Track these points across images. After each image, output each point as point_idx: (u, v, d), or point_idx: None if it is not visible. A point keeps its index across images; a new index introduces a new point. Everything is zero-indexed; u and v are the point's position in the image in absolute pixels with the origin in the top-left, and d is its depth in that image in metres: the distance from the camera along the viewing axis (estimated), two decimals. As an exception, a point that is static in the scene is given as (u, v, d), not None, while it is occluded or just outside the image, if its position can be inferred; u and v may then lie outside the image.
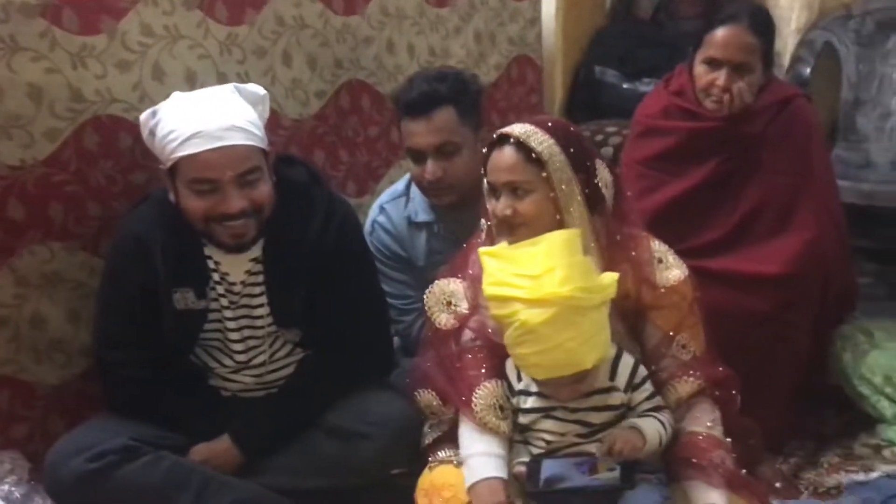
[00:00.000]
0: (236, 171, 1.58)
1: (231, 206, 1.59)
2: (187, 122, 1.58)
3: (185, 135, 1.57)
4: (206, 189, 1.59)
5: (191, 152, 1.57)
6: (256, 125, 1.65)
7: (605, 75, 3.13)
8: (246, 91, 1.71)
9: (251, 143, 1.62)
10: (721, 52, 1.97)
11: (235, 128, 1.59)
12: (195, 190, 1.60)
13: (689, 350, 1.55)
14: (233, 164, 1.58)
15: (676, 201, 2.05)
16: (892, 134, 2.82)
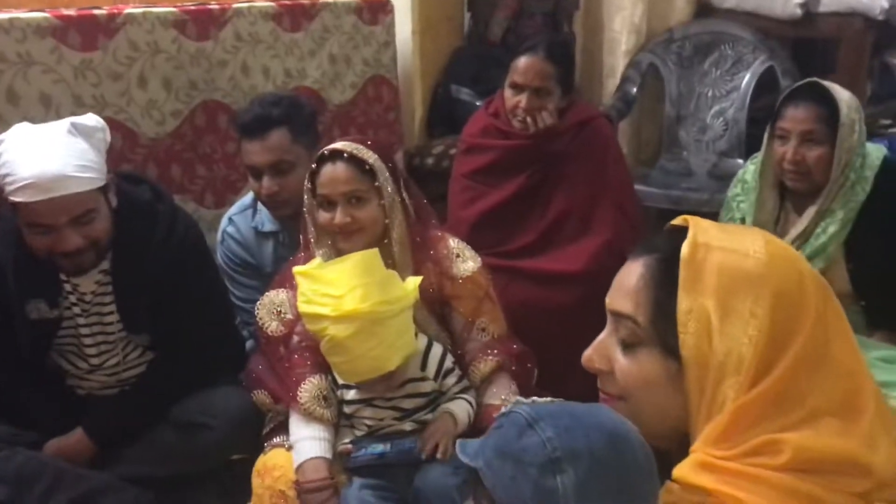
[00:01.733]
0: (71, 215, 1.67)
1: (67, 245, 1.69)
2: (23, 167, 1.63)
3: (19, 182, 1.63)
4: (42, 231, 1.69)
5: (25, 200, 1.64)
6: (93, 163, 1.71)
7: (461, 93, 3.38)
8: (83, 126, 1.75)
9: (85, 189, 1.69)
10: (522, 78, 2.25)
11: (68, 177, 1.65)
12: (32, 231, 1.70)
13: (488, 332, 1.79)
14: (67, 210, 1.66)
15: (494, 210, 2.32)
16: (708, 145, 3.16)
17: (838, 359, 0.87)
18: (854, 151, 2.05)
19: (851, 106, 2.05)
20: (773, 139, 2.12)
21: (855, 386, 0.86)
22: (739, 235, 0.91)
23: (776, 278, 0.86)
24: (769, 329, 0.83)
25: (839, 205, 2.08)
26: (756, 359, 0.83)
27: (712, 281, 0.87)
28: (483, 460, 0.88)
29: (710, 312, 0.86)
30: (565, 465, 0.83)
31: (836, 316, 0.90)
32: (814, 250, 2.11)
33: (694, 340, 0.86)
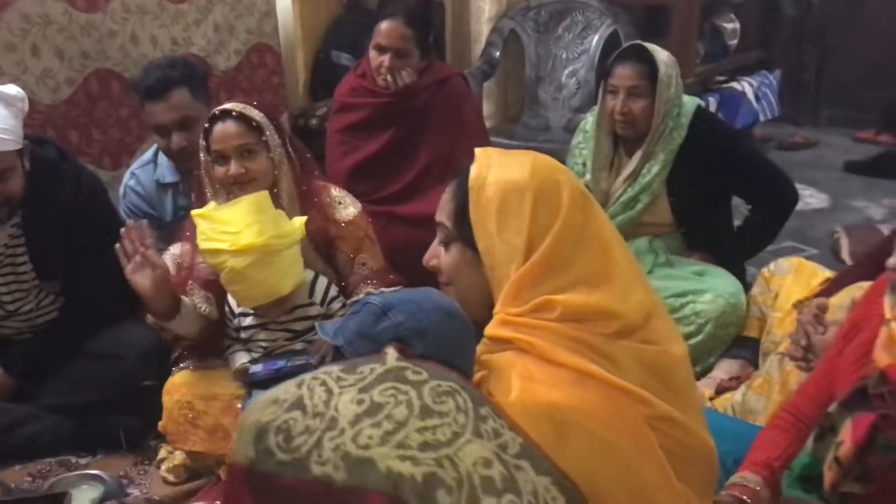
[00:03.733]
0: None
1: None
2: None
3: None
4: None
5: None
6: (11, 127, 1.91)
7: (341, 59, 3.63)
8: (4, 95, 1.93)
9: (5, 150, 1.90)
10: (384, 40, 2.56)
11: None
12: None
13: (367, 266, 2.10)
14: None
15: (367, 161, 2.63)
16: (564, 103, 3.54)
17: (595, 237, 1.21)
18: (671, 103, 2.44)
19: (668, 64, 2.44)
20: (606, 94, 2.49)
21: (609, 255, 1.21)
22: (513, 157, 1.25)
23: (536, 184, 1.20)
24: (531, 219, 1.17)
25: (660, 148, 2.47)
26: (525, 243, 1.17)
27: (492, 191, 1.20)
28: (344, 339, 1.18)
29: (492, 214, 1.19)
30: (413, 341, 1.14)
31: (593, 209, 1.24)
32: (641, 187, 2.50)
33: (483, 235, 1.20)
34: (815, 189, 4.14)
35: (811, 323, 1.89)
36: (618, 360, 1.16)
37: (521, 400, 1.10)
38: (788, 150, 4.85)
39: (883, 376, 1.37)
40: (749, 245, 2.58)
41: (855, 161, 4.49)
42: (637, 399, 1.16)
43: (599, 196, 2.57)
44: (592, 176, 2.57)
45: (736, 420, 1.92)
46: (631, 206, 2.53)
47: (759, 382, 2.00)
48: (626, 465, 1.13)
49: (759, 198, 2.54)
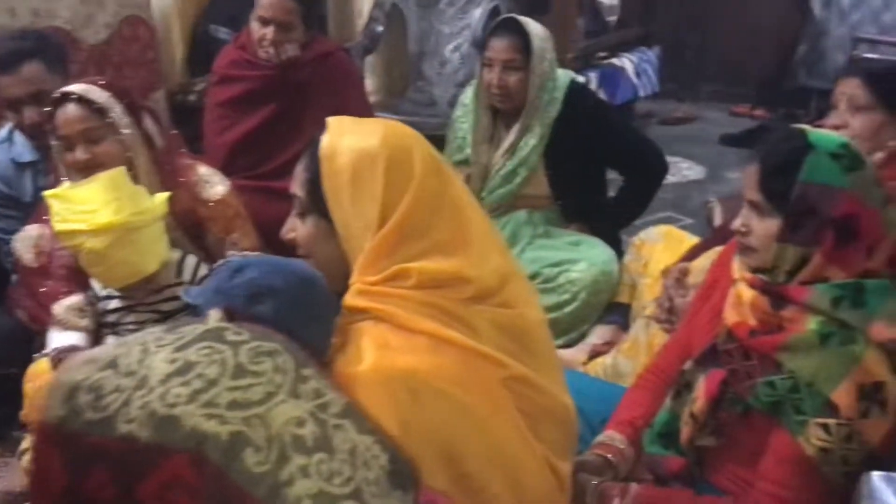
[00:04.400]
0: None
1: None
2: None
3: None
4: None
5: None
6: None
7: (219, 33, 3.52)
8: None
9: None
10: (267, 12, 2.50)
11: None
12: None
13: (239, 245, 2.05)
14: None
15: (247, 136, 2.57)
16: (449, 78, 3.55)
17: (451, 203, 1.22)
18: (546, 76, 2.48)
19: (542, 38, 2.48)
20: (483, 68, 2.51)
21: (465, 221, 1.23)
22: (365, 125, 1.24)
23: (387, 152, 1.20)
24: (384, 187, 1.17)
25: (537, 121, 2.51)
26: (379, 211, 1.17)
27: (343, 160, 1.20)
28: (203, 299, 1.16)
29: (344, 183, 1.18)
30: (265, 298, 1.13)
31: (448, 176, 1.25)
32: (519, 160, 2.54)
33: (337, 205, 1.19)
34: (692, 161, 4.30)
35: (674, 287, 1.97)
36: (474, 325, 1.18)
37: (375, 367, 1.10)
38: (670, 125, 5.02)
39: (730, 334, 1.44)
40: (622, 215, 2.67)
41: (730, 134, 4.69)
42: (493, 362, 1.18)
43: (480, 169, 2.60)
44: (473, 149, 2.59)
45: (605, 383, 1.98)
46: (510, 180, 2.57)
47: (628, 346, 2.07)
48: (483, 427, 1.15)
49: (630, 169, 2.62)
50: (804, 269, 1.36)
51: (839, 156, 1.33)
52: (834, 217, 1.31)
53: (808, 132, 1.37)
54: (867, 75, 1.99)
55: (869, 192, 1.33)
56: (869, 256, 1.35)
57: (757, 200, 1.38)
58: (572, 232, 2.57)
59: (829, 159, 1.32)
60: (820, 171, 1.32)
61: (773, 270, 1.38)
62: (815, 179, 1.31)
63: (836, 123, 2.01)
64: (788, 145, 1.36)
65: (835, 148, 1.34)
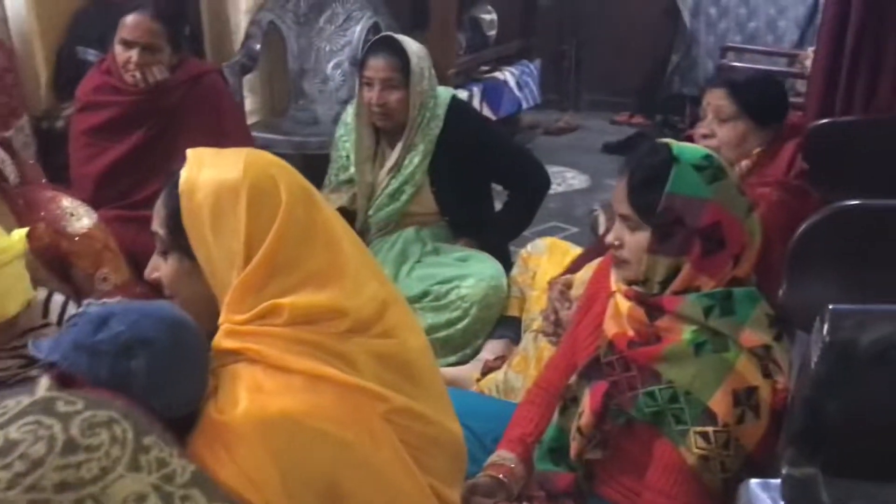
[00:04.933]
0: None
1: None
2: None
3: None
4: None
5: None
6: None
7: (87, 54, 3.36)
8: None
9: None
10: (131, 35, 2.40)
11: None
12: None
13: (110, 281, 1.95)
14: None
15: (116, 164, 2.45)
16: (331, 95, 3.50)
17: (322, 232, 1.18)
18: (426, 94, 2.48)
19: (420, 55, 2.47)
20: (363, 86, 2.48)
21: (337, 250, 1.18)
22: (225, 155, 1.19)
23: (250, 181, 1.15)
24: (248, 220, 1.12)
25: (420, 139, 2.51)
26: (244, 246, 1.11)
27: (203, 195, 1.14)
28: (60, 354, 1.08)
29: (206, 218, 1.13)
30: (137, 352, 1.06)
31: (316, 203, 1.21)
32: (404, 178, 2.53)
33: (199, 242, 1.13)
34: (576, 171, 4.40)
35: (558, 299, 1.99)
36: (352, 359, 1.14)
37: (249, 413, 1.05)
38: (554, 135, 5.13)
39: (611, 345, 1.46)
40: (509, 228, 2.69)
41: (611, 142, 4.82)
42: (373, 396, 1.14)
43: (365, 188, 2.58)
44: (357, 168, 2.56)
45: (495, 400, 1.99)
46: (396, 198, 2.55)
47: (518, 360, 2.08)
48: (365, 463, 1.12)
49: (513, 183, 2.65)
50: (675, 279, 1.39)
51: (702, 167, 1.37)
52: (700, 227, 1.35)
53: (673, 145, 1.41)
54: (731, 86, 2.07)
55: (732, 202, 1.38)
56: (735, 264, 1.40)
57: (627, 214, 1.40)
58: (461, 248, 2.57)
59: (693, 171, 1.36)
60: (684, 182, 1.35)
61: (646, 282, 1.41)
62: (681, 191, 1.35)
63: (705, 132, 2.09)
64: (654, 159, 1.39)
65: (698, 160, 1.38)
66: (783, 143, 2.05)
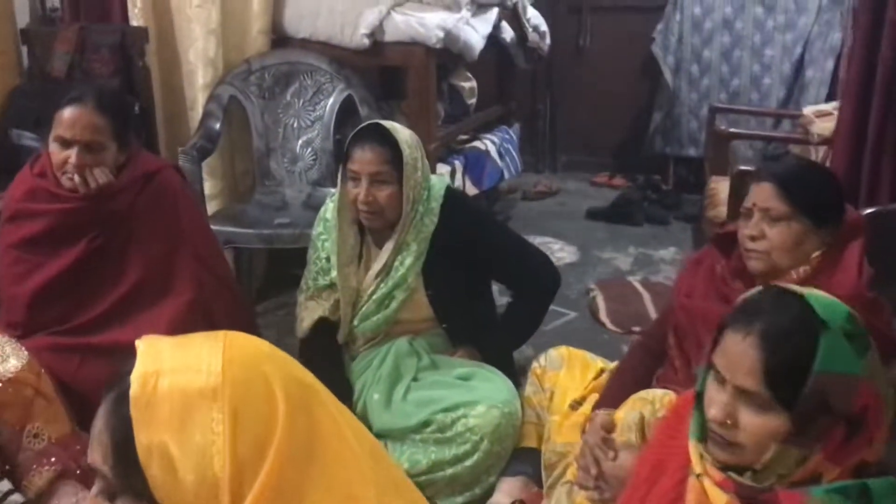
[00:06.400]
0: None
1: None
2: None
3: None
4: None
5: None
6: None
7: (23, 139, 2.99)
8: None
9: None
10: (69, 132, 2.01)
11: None
12: None
13: (42, 437, 1.57)
14: None
15: (53, 282, 2.05)
16: (301, 176, 3.16)
17: (329, 440, 0.85)
18: (420, 186, 2.17)
19: (412, 144, 2.16)
20: (347, 180, 2.15)
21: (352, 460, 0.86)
22: (196, 349, 0.85)
23: (233, 387, 0.81)
24: (234, 440, 0.79)
25: (412, 237, 2.18)
26: (231, 474, 0.78)
27: (165, 409, 0.80)
28: None
29: (168, 444, 0.79)
30: None
31: (316, 401, 0.88)
32: (395, 282, 2.20)
33: (161, 480, 0.79)
34: (563, 241, 4.10)
35: (599, 447, 1.66)
36: None
37: None
38: (533, 200, 4.85)
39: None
40: (514, 336, 2.36)
41: (596, 208, 4.56)
42: None
43: (349, 294, 2.24)
44: (339, 272, 2.22)
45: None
46: (386, 305, 2.22)
47: (551, 519, 1.74)
48: None
49: (518, 282, 2.34)
50: (798, 468, 1.07)
51: (852, 335, 1.06)
52: (849, 412, 1.04)
53: (812, 301, 1.10)
54: (781, 182, 1.78)
55: (879, 375, 1.07)
56: (868, 447, 1.09)
57: (756, 392, 1.08)
58: (461, 360, 2.23)
59: (845, 341, 1.05)
60: (837, 357, 1.05)
61: (758, 471, 1.09)
62: (833, 369, 1.04)
63: (753, 234, 1.80)
64: (793, 322, 1.08)
65: (846, 324, 1.07)
66: (845, 244, 1.76)
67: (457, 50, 3.21)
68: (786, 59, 4.51)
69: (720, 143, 3.43)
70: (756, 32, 4.56)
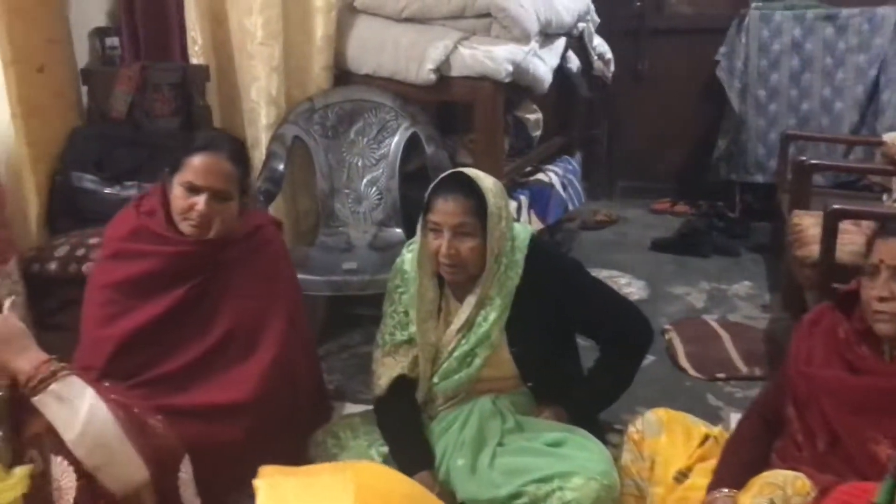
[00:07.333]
0: None
1: None
2: None
3: None
4: None
5: None
6: None
7: (83, 181, 2.93)
8: None
9: None
10: (200, 179, 1.94)
11: None
12: None
13: None
14: None
15: (144, 329, 1.95)
16: (366, 216, 3.06)
17: None
18: (504, 237, 2.04)
19: (496, 193, 2.04)
20: (427, 231, 2.04)
21: None
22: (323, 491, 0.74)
23: None
24: None
25: (496, 291, 2.06)
26: None
27: None
28: None
29: None
30: None
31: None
32: (478, 339, 2.07)
33: None
34: (630, 276, 3.94)
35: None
36: None
37: None
38: (594, 230, 4.70)
39: None
40: (603, 395, 2.20)
41: (660, 239, 4.40)
42: None
43: (429, 351, 2.11)
44: (418, 327, 2.10)
45: None
46: (468, 363, 2.09)
47: None
48: None
49: (609, 338, 2.19)
50: None
51: None
52: None
53: None
54: (914, 238, 1.63)
55: None
56: None
57: None
58: (549, 422, 2.09)
59: None
60: None
61: None
62: None
63: (883, 294, 1.64)
64: None
65: None
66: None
67: (525, 83, 3.09)
68: (859, 82, 4.32)
69: (801, 175, 3.25)
70: (827, 54, 4.37)
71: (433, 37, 2.98)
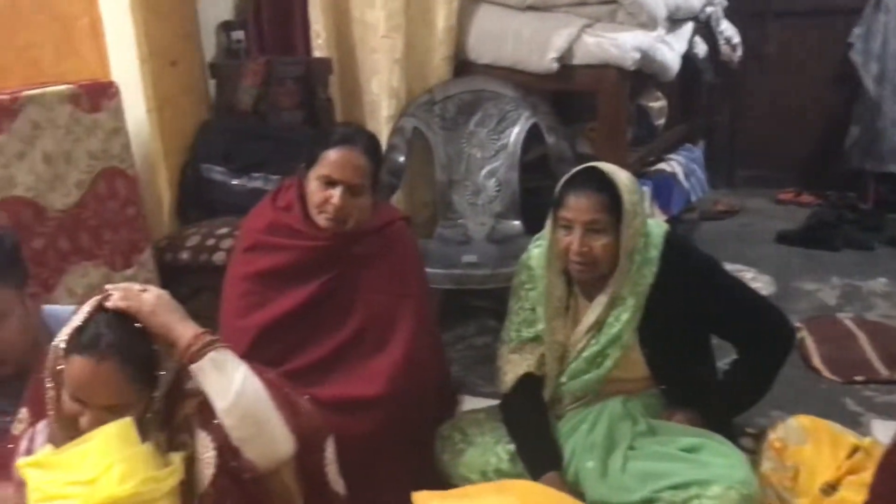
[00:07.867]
0: None
1: None
2: None
3: None
4: None
5: None
6: None
7: (212, 172, 3.01)
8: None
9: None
10: (336, 172, 1.97)
11: None
12: None
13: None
14: None
15: (280, 321, 2.00)
16: (484, 208, 3.03)
17: None
18: (638, 234, 1.97)
19: (631, 189, 1.96)
20: (557, 227, 1.99)
21: None
22: None
23: None
24: None
25: (628, 291, 1.99)
26: None
27: None
28: None
29: None
30: None
31: None
32: (609, 339, 2.01)
33: None
34: (755, 270, 3.77)
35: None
36: None
37: None
38: (714, 220, 4.53)
39: None
40: (742, 396, 2.11)
41: (787, 231, 4.20)
42: None
43: (557, 349, 2.06)
44: (546, 325, 2.06)
45: None
46: (598, 364, 2.03)
47: None
48: None
49: (748, 341, 2.08)
50: None
51: None
52: None
53: None
54: None
55: None
56: None
57: None
58: (683, 426, 2.01)
59: None
60: None
61: None
62: None
63: None
64: None
65: None
66: None
67: (651, 71, 2.99)
68: None
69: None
70: (976, 33, 4.07)
71: (556, 25, 2.91)
